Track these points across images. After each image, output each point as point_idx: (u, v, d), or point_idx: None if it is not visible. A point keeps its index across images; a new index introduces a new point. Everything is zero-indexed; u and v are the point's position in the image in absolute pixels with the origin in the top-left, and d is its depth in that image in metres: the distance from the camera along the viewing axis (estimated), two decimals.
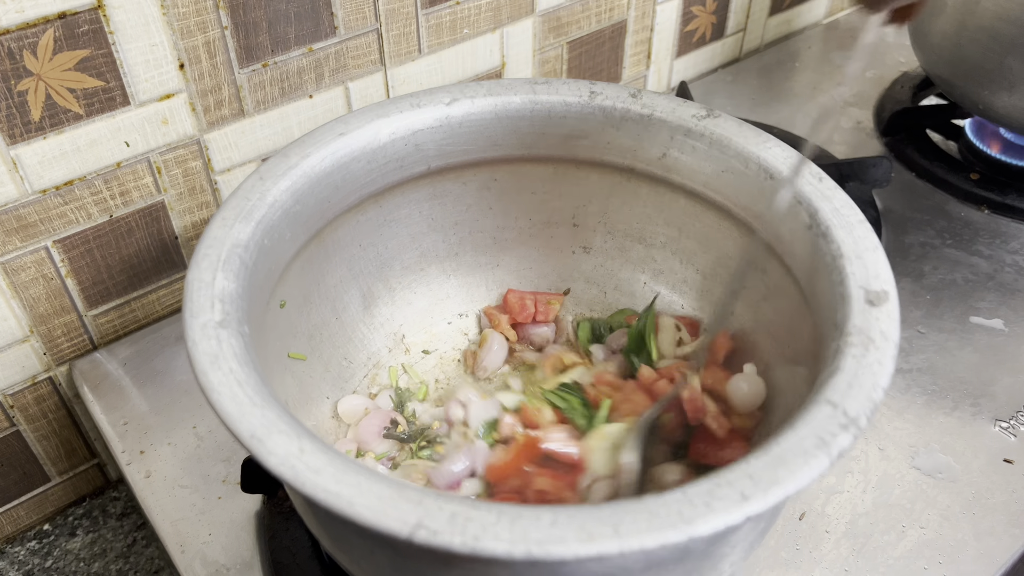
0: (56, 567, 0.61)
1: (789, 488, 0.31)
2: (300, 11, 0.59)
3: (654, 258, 0.56)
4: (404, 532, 0.29)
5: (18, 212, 0.53)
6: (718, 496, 0.31)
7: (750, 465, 0.32)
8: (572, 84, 0.51)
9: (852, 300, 0.39)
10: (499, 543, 0.29)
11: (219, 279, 0.38)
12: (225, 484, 0.53)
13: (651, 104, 0.50)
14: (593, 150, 0.53)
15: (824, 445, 0.32)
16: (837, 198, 0.44)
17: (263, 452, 0.32)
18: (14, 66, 0.49)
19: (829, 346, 0.38)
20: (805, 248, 0.44)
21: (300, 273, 0.48)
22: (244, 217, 0.42)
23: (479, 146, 0.52)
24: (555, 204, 0.56)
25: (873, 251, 0.41)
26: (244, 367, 0.35)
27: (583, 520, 0.30)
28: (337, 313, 0.52)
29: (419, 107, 0.49)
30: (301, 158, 0.45)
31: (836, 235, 0.42)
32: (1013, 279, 0.67)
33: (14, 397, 0.59)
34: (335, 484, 0.31)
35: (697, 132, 0.49)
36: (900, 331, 0.38)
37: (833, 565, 0.48)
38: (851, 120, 0.86)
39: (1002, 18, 0.67)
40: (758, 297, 0.50)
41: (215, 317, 0.37)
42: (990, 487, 0.52)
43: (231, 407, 0.33)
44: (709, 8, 0.90)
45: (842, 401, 0.34)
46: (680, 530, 0.29)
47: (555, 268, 0.59)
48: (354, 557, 0.39)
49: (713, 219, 0.51)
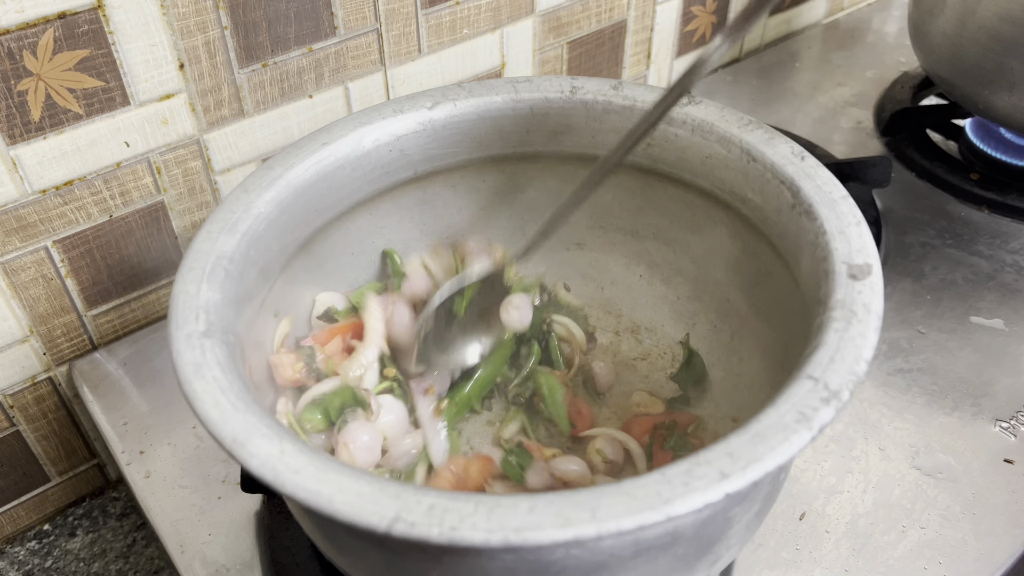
0: (56, 567, 0.61)
1: (769, 464, 0.31)
2: (300, 11, 0.59)
3: (647, 250, 0.56)
4: (382, 526, 0.30)
5: (18, 212, 0.53)
6: (696, 475, 0.30)
7: (730, 443, 0.32)
8: (553, 80, 0.52)
9: (835, 275, 0.39)
10: (476, 532, 0.29)
11: (203, 290, 0.39)
12: (225, 484, 0.53)
13: (632, 95, 0.50)
14: (578, 144, 0.53)
15: (805, 420, 0.32)
16: (819, 175, 0.44)
17: (245, 455, 0.32)
18: (14, 66, 0.49)
19: (813, 322, 0.38)
20: (790, 228, 0.44)
21: (291, 282, 0.48)
22: (229, 229, 0.42)
23: (464, 148, 0.52)
24: (546, 201, 0.56)
25: (856, 226, 0.41)
26: (227, 374, 0.36)
27: (561, 506, 0.30)
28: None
29: (401, 112, 0.50)
30: (285, 169, 0.46)
31: (819, 212, 0.42)
32: (1013, 279, 0.67)
33: (14, 397, 0.59)
34: (315, 483, 0.31)
35: (679, 119, 0.49)
36: (900, 328, 0.38)
37: (833, 565, 0.48)
38: (851, 120, 0.86)
39: (1002, 18, 0.67)
40: (751, 283, 0.50)
41: (199, 327, 0.37)
42: (990, 487, 0.52)
43: (213, 413, 0.34)
44: (709, 8, 0.90)
45: (823, 375, 0.34)
46: (659, 511, 0.29)
47: (550, 266, 0.59)
48: (349, 558, 0.39)
49: (702, 206, 0.51)
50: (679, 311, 0.56)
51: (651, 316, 0.57)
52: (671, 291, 0.56)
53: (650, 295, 0.57)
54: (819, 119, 0.86)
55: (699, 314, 0.55)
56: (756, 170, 0.46)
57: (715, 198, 0.50)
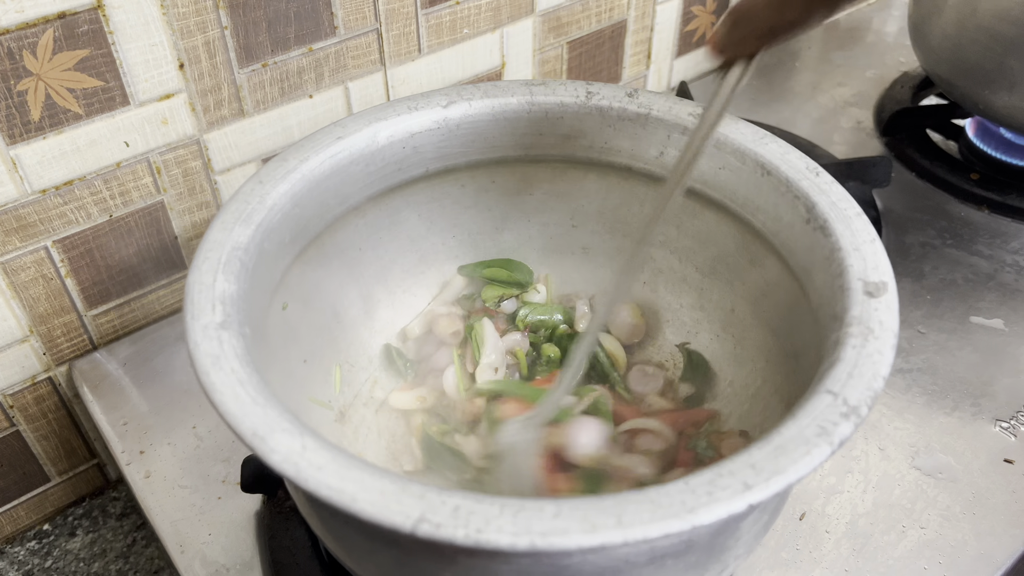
0: (56, 567, 0.61)
1: (791, 476, 0.31)
2: (300, 11, 0.59)
3: (653, 257, 0.56)
4: (407, 526, 0.29)
5: (18, 212, 0.53)
6: (720, 486, 0.31)
7: (752, 455, 0.32)
8: (569, 85, 0.52)
9: (851, 292, 0.39)
10: (502, 535, 0.29)
11: (220, 281, 0.38)
12: (225, 484, 0.53)
13: (648, 103, 0.51)
14: (591, 150, 0.53)
15: (825, 434, 0.33)
16: (834, 192, 0.44)
17: (265, 450, 0.32)
18: (14, 66, 0.49)
19: (829, 337, 0.38)
20: (803, 242, 0.44)
21: (301, 276, 0.48)
22: (244, 220, 0.42)
23: (477, 148, 0.52)
24: (553, 205, 0.56)
25: (871, 243, 0.41)
26: (246, 367, 0.35)
27: (586, 511, 0.30)
28: (339, 317, 0.52)
29: (416, 110, 0.50)
30: (300, 162, 0.45)
31: (834, 228, 0.42)
32: (1013, 279, 0.67)
33: (14, 397, 0.59)
34: (338, 480, 0.31)
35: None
36: (900, 328, 0.38)
37: (833, 565, 0.48)
38: (851, 120, 0.86)
39: (1002, 18, 0.67)
40: (757, 293, 0.50)
41: (216, 319, 0.37)
42: (990, 487, 0.52)
43: (233, 406, 0.33)
44: (709, 8, 0.90)
45: (842, 391, 0.34)
46: (683, 519, 0.30)
47: (555, 270, 0.59)
48: (356, 555, 0.39)
49: (711, 216, 0.51)
50: (682, 319, 0.56)
51: (654, 323, 0.57)
52: (675, 299, 0.56)
53: (653, 302, 0.57)
54: (819, 119, 0.86)
55: (702, 323, 0.55)
56: (770, 183, 0.46)
57: (725, 209, 0.50)
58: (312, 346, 0.50)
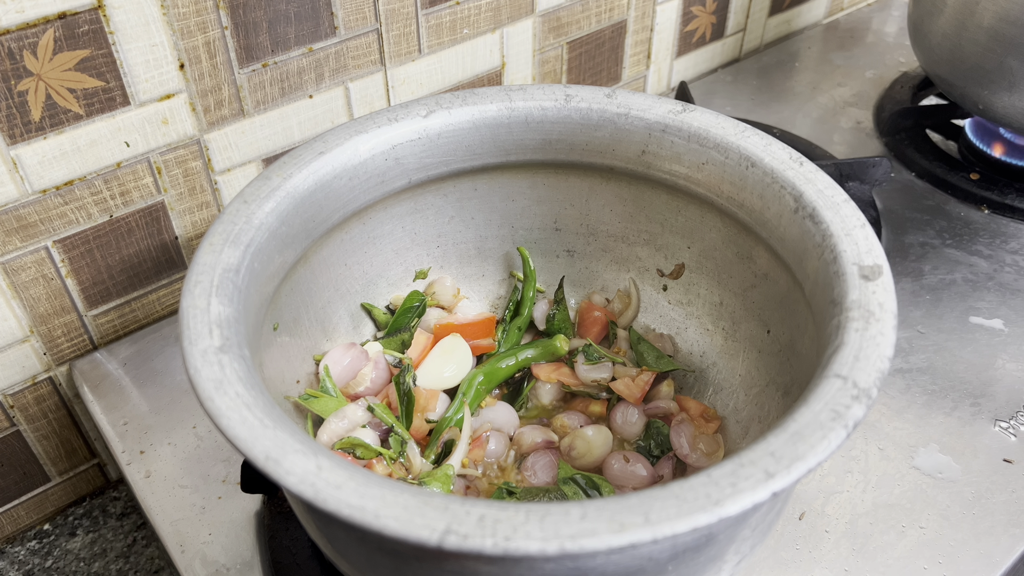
0: (56, 567, 0.61)
1: (811, 462, 0.32)
2: (300, 11, 0.59)
3: (638, 256, 0.56)
4: (433, 539, 0.29)
5: (18, 212, 0.53)
6: (743, 476, 0.31)
7: (770, 443, 0.32)
8: (547, 89, 0.52)
9: (847, 277, 0.39)
10: (531, 541, 0.29)
11: (214, 305, 0.38)
12: (225, 484, 0.53)
13: (626, 103, 0.51)
14: (572, 152, 0.53)
15: (840, 417, 0.33)
16: (819, 180, 0.44)
17: (281, 473, 0.31)
18: (14, 66, 0.49)
19: (828, 323, 0.39)
20: (792, 231, 0.44)
21: (289, 295, 0.48)
22: (232, 241, 0.41)
23: (458, 156, 0.52)
24: (536, 209, 0.56)
25: (862, 228, 0.42)
26: (251, 390, 0.35)
27: (613, 511, 0.30)
28: (327, 334, 0.52)
29: (396, 121, 0.49)
30: (283, 179, 0.45)
31: (824, 215, 0.43)
32: (1013, 279, 0.67)
33: (14, 397, 0.59)
34: (358, 498, 0.30)
35: (675, 127, 0.49)
36: (899, 328, 0.38)
37: (833, 565, 0.48)
38: (851, 120, 0.86)
39: (1002, 18, 0.67)
40: (746, 285, 0.50)
41: (215, 343, 0.36)
42: (990, 487, 0.52)
43: (242, 431, 0.33)
44: (709, 8, 0.90)
45: (851, 374, 0.35)
46: (710, 512, 0.30)
47: (541, 274, 0.59)
48: (353, 563, 0.39)
49: (695, 211, 0.52)
50: (669, 316, 0.56)
51: (640, 320, 0.57)
52: (662, 296, 0.56)
53: (640, 299, 0.57)
54: (819, 119, 0.86)
55: (690, 318, 0.55)
56: (755, 175, 0.47)
57: (710, 203, 0.50)
58: (304, 366, 0.50)
